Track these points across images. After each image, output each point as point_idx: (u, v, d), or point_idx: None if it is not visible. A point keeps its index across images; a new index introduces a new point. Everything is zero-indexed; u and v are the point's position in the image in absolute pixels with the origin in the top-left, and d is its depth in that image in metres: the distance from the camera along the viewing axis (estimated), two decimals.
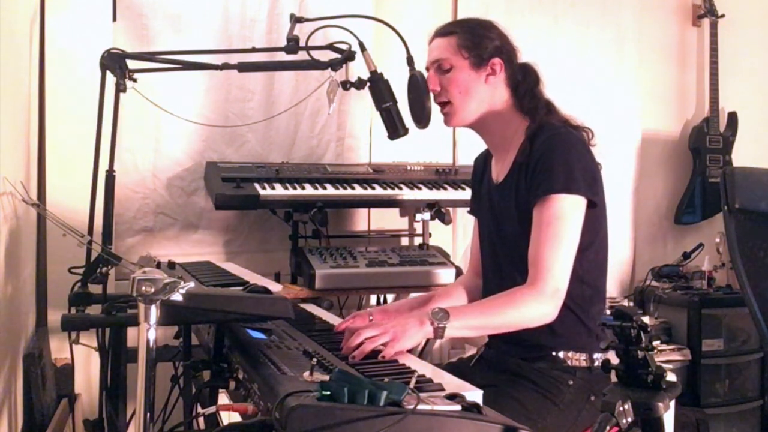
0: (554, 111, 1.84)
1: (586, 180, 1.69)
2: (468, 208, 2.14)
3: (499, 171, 1.88)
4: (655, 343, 3.16)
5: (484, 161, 2.00)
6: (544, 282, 1.63)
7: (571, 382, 1.71)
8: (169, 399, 1.80)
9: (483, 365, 1.88)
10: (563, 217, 1.66)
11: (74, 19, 2.58)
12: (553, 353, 1.74)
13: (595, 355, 1.73)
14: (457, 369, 1.88)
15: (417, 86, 2.00)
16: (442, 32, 1.86)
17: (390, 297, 2.96)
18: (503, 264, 1.86)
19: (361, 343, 1.46)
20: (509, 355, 1.79)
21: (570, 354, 1.74)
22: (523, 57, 1.89)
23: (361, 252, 2.69)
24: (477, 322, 1.64)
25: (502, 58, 1.81)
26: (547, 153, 1.70)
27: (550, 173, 1.67)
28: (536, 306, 1.63)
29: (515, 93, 1.84)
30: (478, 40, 1.81)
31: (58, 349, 2.38)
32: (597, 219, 1.75)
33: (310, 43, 2.03)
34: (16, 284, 2.12)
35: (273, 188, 2.62)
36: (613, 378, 1.22)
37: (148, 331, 1.08)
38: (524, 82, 1.84)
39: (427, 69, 1.88)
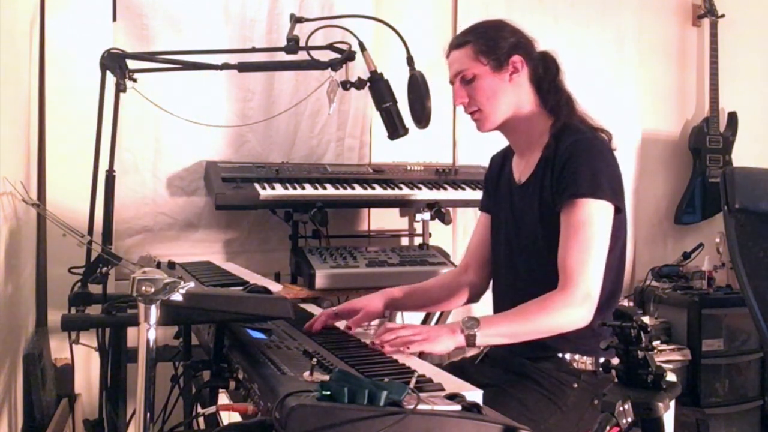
0: (574, 107, 1.83)
1: (612, 186, 1.69)
2: (469, 209, 2.13)
3: (522, 171, 1.87)
4: (655, 343, 3.16)
5: (502, 159, 1.99)
6: (575, 286, 1.62)
7: (575, 385, 1.71)
8: (169, 399, 1.80)
9: (487, 364, 1.88)
10: (592, 221, 1.65)
11: (74, 19, 2.58)
12: (559, 355, 1.74)
13: (601, 359, 1.72)
14: (461, 367, 1.88)
15: (417, 86, 2.00)
16: (457, 44, 1.84)
17: None
18: (519, 265, 1.85)
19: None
20: (514, 355, 1.78)
21: (576, 357, 1.74)
22: None
23: (361, 252, 2.69)
24: (509, 330, 1.63)
25: (521, 54, 1.80)
26: (574, 157, 1.69)
27: (576, 178, 1.67)
28: (568, 311, 1.62)
29: (539, 89, 1.83)
30: (493, 43, 1.80)
31: (58, 349, 2.38)
32: (620, 225, 1.74)
33: (310, 43, 2.03)
34: (16, 284, 2.12)
35: (273, 188, 2.62)
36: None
37: (148, 331, 1.08)
38: (546, 75, 1.83)
39: (451, 83, 1.86)
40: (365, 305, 1.87)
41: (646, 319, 2.64)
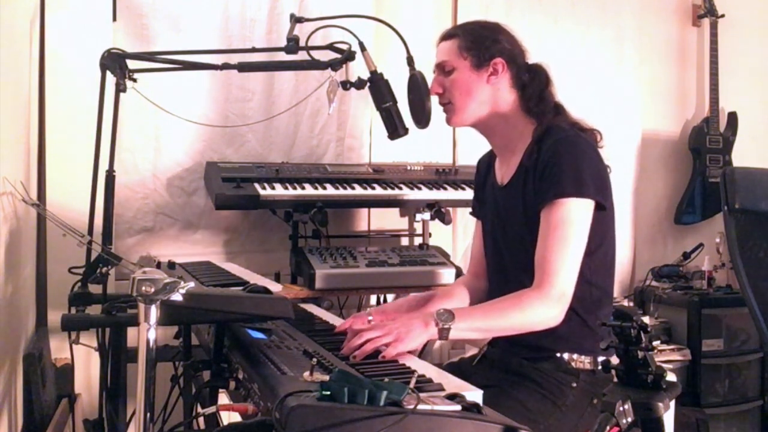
0: (563, 113, 1.83)
1: (596, 183, 1.69)
2: (469, 209, 2.13)
3: (504, 173, 1.87)
4: (655, 343, 3.16)
5: (487, 163, 1.99)
6: (550, 285, 1.62)
7: (574, 385, 1.71)
8: (169, 399, 1.80)
9: (486, 365, 1.88)
10: (571, 220, 1.65)
11: (74, 19, 2.58)
12: (558, 355, 1.74)
13: (600, 359, 1.73)
14: (459, 368, 1.88)
15: (417, 86, 2.00)
16: (446, 35, 1.86)
17: (390, 297, 2.96)
18: (508, 267, 1.85)
19: (364, 344, 1.46)
20: (513, 355, 1.79)
21: (575, 356, 1.74)
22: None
23: (361, 252, 2.69)
24: (482, 324, 1.63)
25: (504, 58, 1.81)
26: (555, 156, 1.69)
27: (559, 177, 1.67)
28: (542, 309, 1.62)
29: (522, 95, 1.83)
30: (479, 41, 1.81)
31: (58, 349, 2.38)
32: (606, 221, 1.74)
33: (310, 43, 2.03)
34: (16, 284, 2.12)
35: (273, 188, 2.62)
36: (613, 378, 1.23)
37: (148, 331, 1.08)
38: (532, 84, 1.83)
39: (434, 73, 1.88)
40: (396, 310, 1.89)
41: (646, 319, 2.64)
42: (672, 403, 1.19)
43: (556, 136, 1.73)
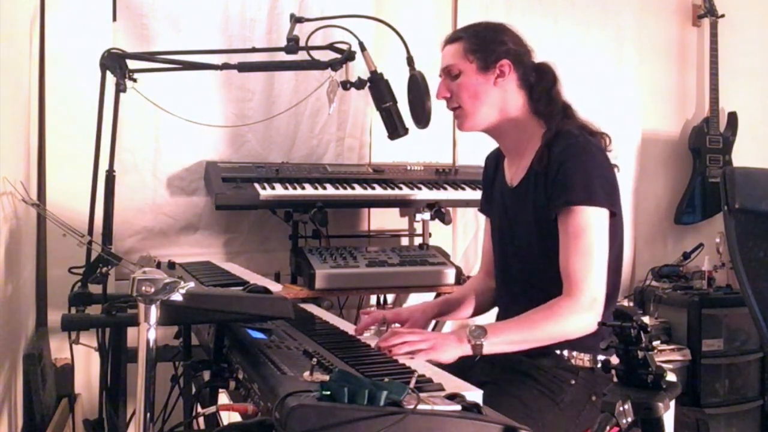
0: (571, 115, 1.82)
1: (606, 190, 1.69)
2: (469, 209, 2.13)
3: (513, 174, 1.87)
4: (655, 343, 3.16)
5: (495, 161, 1.99)
6: (580, 293, 1.63)
7: (573, 381, 1.71)
8: (169, 399, 1.80)
9: (486, 361, 1.88)
10: (590, 227, 1.65)
11: (74, 19, 2.58)
12: (557, 351, 1.74)
13: (599, 357, 1.73)
14: (460, 364, 1.89)
15: (417, 86, 2.00)
16: (450, 39, 1.86)
17: (390, 297, 2.96)
18: (513, 267, 1.85)
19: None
20: (512, 352, 1.78)
21: (574, 353, 1.74)
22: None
23: (361, 252, 2.69)
24: (516, 337, 1.63)
25: (510, 60, 1.80)
26: (566, 163, 1.68)
27: (569, 184, 1.67)
28: (576, 317, 1.62)
29: (530, 96, 1.82)
30: (484, 44, 1.80)
31: (58, 349, 2.38)
32: (616, 227, 1.74)
33: (310, 43, 2.03)
34: (16, 284, 2.12)
35: (273, 188, 2.63)
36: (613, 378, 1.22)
37: (148, 331, 1.08)
38: (540, 84, 1.82)
39: (440, 77, 1.88)
40: (410, 315, 1.91)
41: (646, 319, 2.64)
42: (672, 403, 1.19)
43: (566, 141, 1.72)
